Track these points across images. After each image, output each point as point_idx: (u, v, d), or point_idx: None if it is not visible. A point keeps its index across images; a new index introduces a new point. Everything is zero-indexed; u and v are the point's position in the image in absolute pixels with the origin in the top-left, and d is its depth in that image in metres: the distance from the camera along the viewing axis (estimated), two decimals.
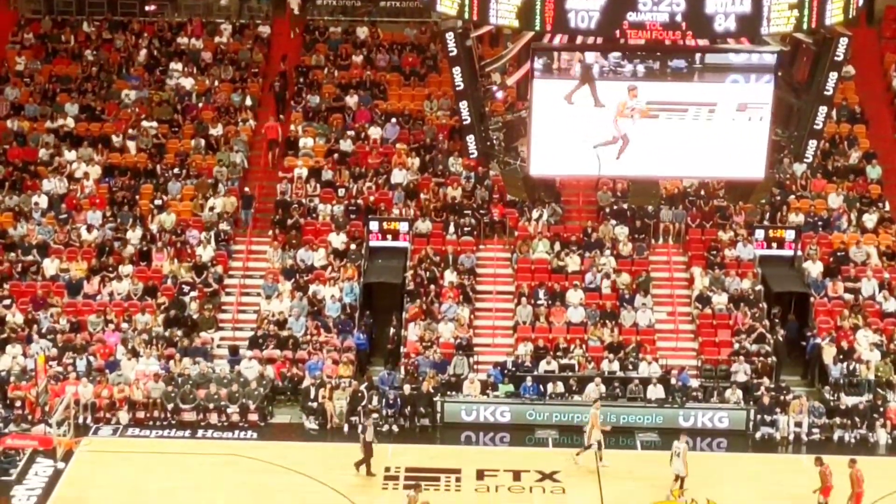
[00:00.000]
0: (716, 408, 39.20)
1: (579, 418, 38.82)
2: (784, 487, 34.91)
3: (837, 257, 44.88)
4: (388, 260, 45.21)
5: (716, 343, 42.09)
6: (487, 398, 39.70)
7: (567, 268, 44.58)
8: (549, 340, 41.90)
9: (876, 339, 41.72)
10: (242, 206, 46.58)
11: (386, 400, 39.31)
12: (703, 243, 45.63)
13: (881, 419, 38.93)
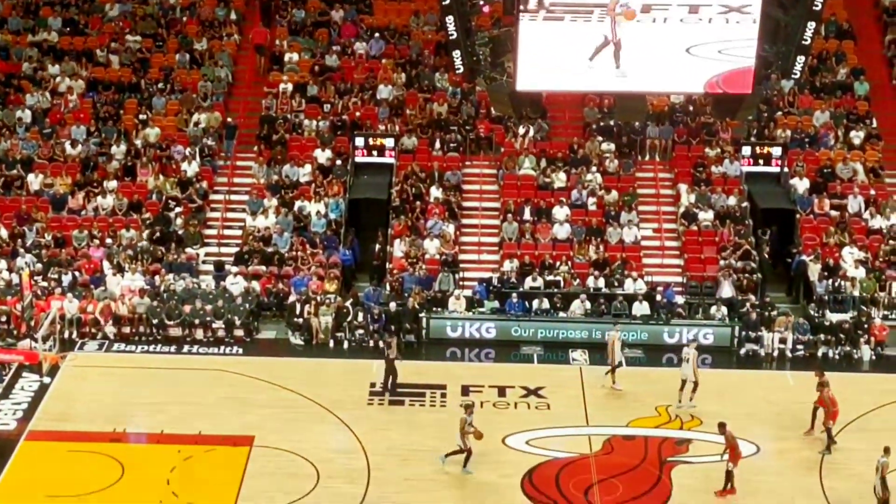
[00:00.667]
0: (701, 324, 39.31)
1: (564, 335, 38.96)
2: (768, 404, 35.07)
3: (824, 174, 44.85)
4: (373, 176, 45.10)
5: (701, 260, 42.13)
6: (473, 314, 39.74)
7: (553, 184, 44.50)
8: (535, 257, 41.90)
9: (861, 256, 41.79)
10: (226, 136, 46.19)
11: (371, 316, 39.32)
12: (690, 160, 45.53)
13: (865, 336, 39.07)
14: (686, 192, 44.02)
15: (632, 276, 40.87)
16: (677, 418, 34.08)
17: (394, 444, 32.52)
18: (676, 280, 41.66)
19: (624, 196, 43.90)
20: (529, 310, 39.89)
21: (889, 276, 41.19)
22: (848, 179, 44.77)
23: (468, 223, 43.88)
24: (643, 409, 34.63)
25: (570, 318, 39.53)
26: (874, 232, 43.09)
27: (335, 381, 36.06)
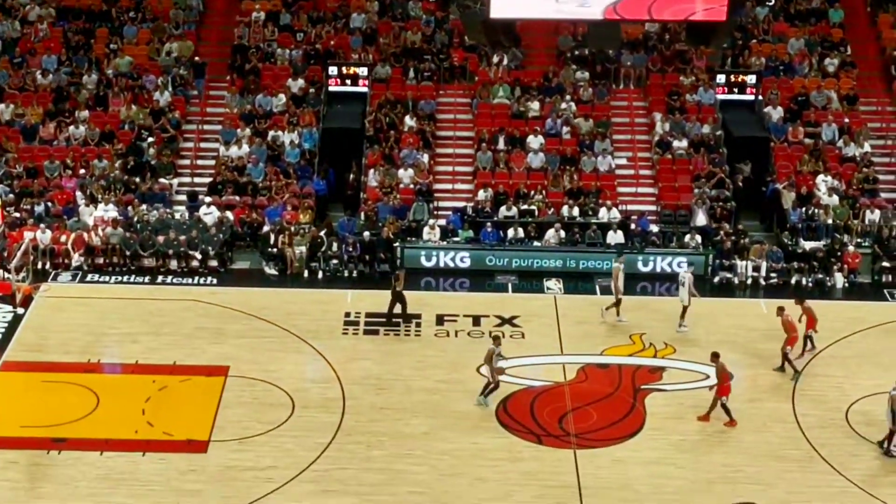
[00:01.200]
0: (675, 253, 39.39)
1: (539, 264, 39.00)
2: (741, 331, 35.21)
3: (798, 102, 44.82)
4: (347, 105, 44.88)
5: (675, 188, 42.15)
6: (447, 244, 39.74)
7: (527, 113, 44.39)
8: (509, 186, 41.86)
9: (835, 184, 41.86)
10: (195, 75, 45.73)
11: (346, 245, 39.28)
12: (664, 88, 45.44)
13: (838, 263, 39.21)
14: (660, 120, 43.97)
15: (606, 204, 40.89)
16: (651, 346, 34.21)
17: (369, 373, 32.59)
18: (650, 209, 41.72)
19: (598, 125, 43.81)
20: (504, 239, 39.90)
21: (862, 203, 41.31)
22: (822, 107, 44.78)
23: (442, 152, 43.78)
24: (617, 338, 34.75)
25: (545, 248, 39.56)
26: (848, 160, 43.15)
27: (310, 311, 36.06)
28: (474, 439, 29.60)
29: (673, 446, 29.52)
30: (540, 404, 31.22)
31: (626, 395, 31.86)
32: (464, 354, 33.62)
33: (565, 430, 30.10)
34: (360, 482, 27.82)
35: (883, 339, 35.01)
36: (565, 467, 28.57)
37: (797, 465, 28.88)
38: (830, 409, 31.22)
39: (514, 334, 34.97)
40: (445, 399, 31.38)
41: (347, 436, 29.67)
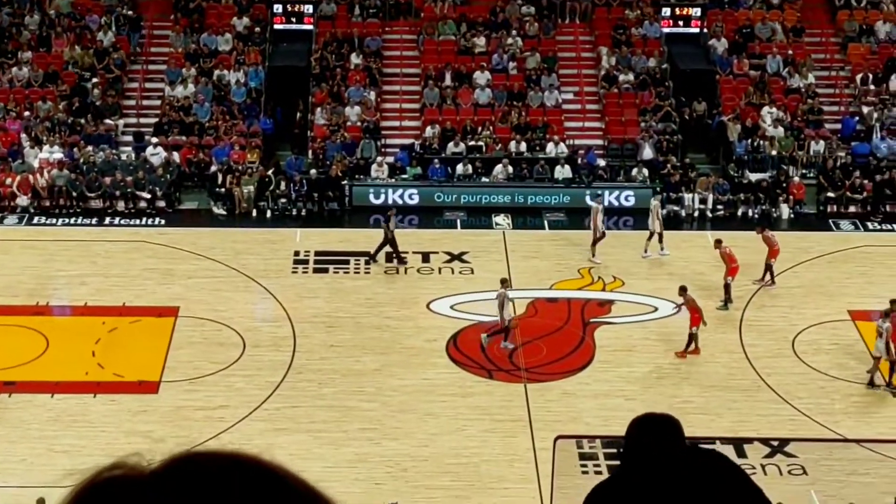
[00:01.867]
0: (622, 186, 39.55)
1: (487, 200, 39.09)
2: (689, 263, 35.47)
3: (743, 34, 44.92)
4: (293, 43, 44.64)
5: (622, 122, 42.25)
6: (395, 181, 39.74)
7: (474, 49, 44.28)
8: (457, 122, 41.84)
9: (780, 116, 42.07)
10: (129, 28, 45.06)
11: (294, 184, 39.20)
12: (610, 22, 45.41)
13: (784, 194, 39.50)
14: (606, 54, 43.98)
15: (553, 139, 40.96)
16: (599, 280, 34.43)
17: (319, 311, 32.67)
18: (598, 143, 41.82)
19: (545, 60, 43.80)
20: (452, 175, 39.93)
21: (807, 134, 41.55)
22: (766, 39, 44.90)
23: (389, 89, 43.67)
24: (566, 272, 34.94)
25: (493, 183, 39.63)
26: (792, 91, 43.34)
27: (258, 251, 36.05)
28: (425, 375, 29.79)
29: (622, 379, 29.80)
30: (490, 339, 31.38)
31: (576, 328, 32.10)
32: (413, 291, 33.74)
33: (515, 365, 30.31)
34: (312, 419, 27.96)
35: (828, 269, 35.36)
36: (516, 401, 28.80)
37: (745, 395, 29.23)
38: (777, 339, 31.58)
39: (463, 270, 35.09)
40: (396, 336, 31.52)
41: (298, 374, 29.78)
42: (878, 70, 43.72)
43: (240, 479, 2.36)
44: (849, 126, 41.99)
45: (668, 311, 32.65)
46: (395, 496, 25.03)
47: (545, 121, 41.92)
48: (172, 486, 2.35)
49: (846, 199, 39.40)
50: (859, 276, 34.84)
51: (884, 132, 41.61)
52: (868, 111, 42.18)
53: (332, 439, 27.31)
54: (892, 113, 42.00)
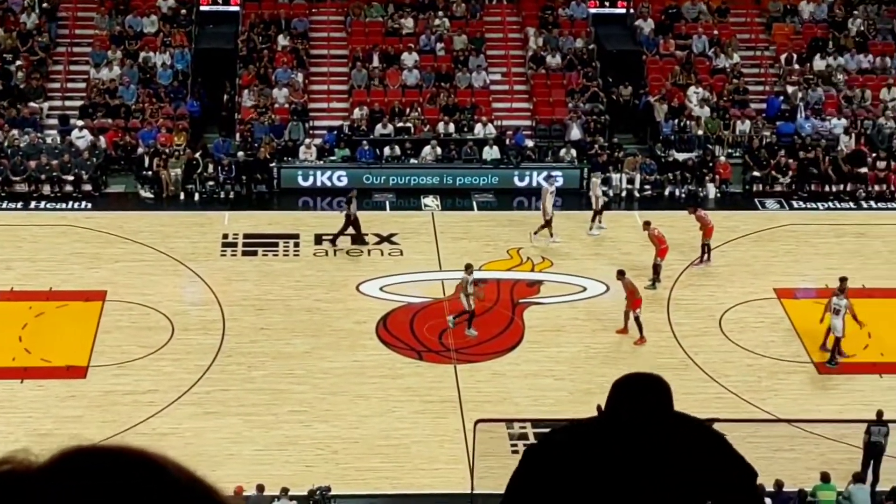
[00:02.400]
0: (550, 167, 39.66)
1: (415, 181, 39.09)
2: (616, 243, 35.67)
3: (669, 14, 45.16)
4: (219, 25, 44.40)
5: (550, 103, 42.37)
6: (324, 163, 39.64)
7: (401, 30, 44.23)
8: (385, 104, 41.79)
9: (706, 96, 42.35)
10: (47, 19, 44.42)
11: (221, 167, 39.00)
12: (537, 3, 45.48)
13: (710, 174, 39.79)
14: (534, 35, 44.07)
15: (482, 120, 41.01)
16: (528, 260, 34.55)
17: (248, 294, 32.57)
18: (526, 124, 41.92)
19: (472, 41, 43.82)
20: (380, 157, 39.89)
21: (733, 114, 41.86)
22: (692, 19, 45.18)
23: (317, 71, 43.53)
24: (495, 253, 35.02)
25: (421, 164, 39.63)
26: (718, 71, 43.65)
27: (187, 234, 35.87)
28: (355, 357, 29.80)
29: (551, 359, 29.95)
30: (420, 320, 31.47)
31: (505, 309, 32.20)
32: (343, 273, 33.71)
33: (445, 346, 30.38)
34: (242, 403, 27.90)
35: (754, 248, 35.68)
36: (446, 382, 28.90)
37: (673, 373, 29.41)
38: (704, 318, 31.86)
39: (392, 252, 35.10)
40: (325, 318, 31.50)
41: (228, 357, 29.69)
42: (802, 50, 44.12)
43: (127, 473, 2.41)
44: (774, 106, 42.36)
45: (596, 290, 32.84)
46: (325, 478, 25.04)
47: (473, 102, 41.97)
48: (60, 481, 2.38)
49: (771, 179, 39.75)
50: (785, 255, 35.20)
51: (808, 112, 42.02)
52: (793, 91, 42.57)
53: (263, 422, 27.27)
54: (816, 93, 42.41)
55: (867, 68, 43.80)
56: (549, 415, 27.49)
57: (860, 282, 33.16)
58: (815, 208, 38.71)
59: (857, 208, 38.73)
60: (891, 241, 36.13)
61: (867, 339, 30.74)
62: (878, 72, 43.68)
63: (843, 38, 44.49)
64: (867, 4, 45.68)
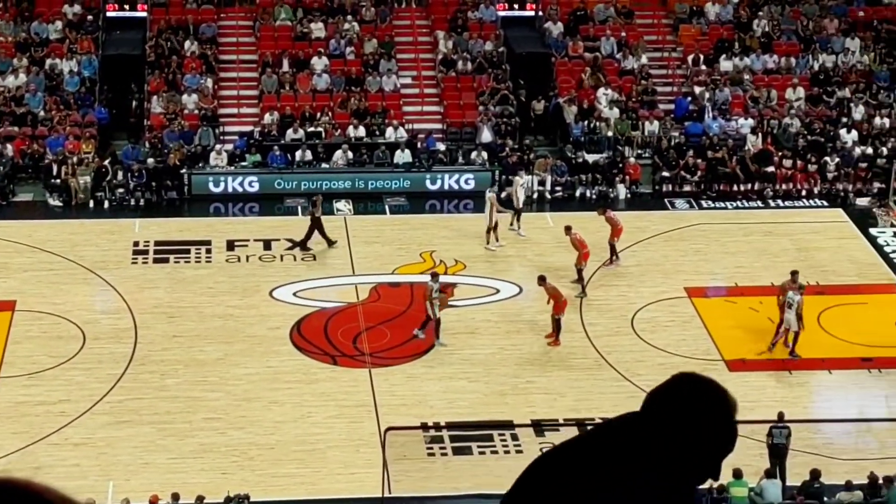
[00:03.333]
0: (462, 170, 39.77)
1: (328, 186, 39.03)
2: (529, 245, 35.81)
3: (577, 16, 45.43)
4: (126, 31, 44.04)
5: (460, 106, 42.48)
6: (235, 169, 39.48)
7: (311, 34, 44.13)
8: (295, 109, 41.67)
9: (615, 97, 42.66)
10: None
11: (131, 174, 38.70)
12: (446, 6, 45.57)
13: (620, 175, 40.10)
14: (443, 38, 44.15)
15: (393, 124, 41.03)
16: (441, 263, 34.61)
17: (160, 301, 32.36)
18: (437, 127, 41.99)
19: (382, 45, 43.83)
20: (292, 162, 39.78)
21: (642, 115, 42.21)
22: (600, 22, 45.49)
23: (226, 76, 43.32)
24: (408, 256, 35.06)
25: (333, 169, 39.60)
26: (627, 73, 43.99)
27: (97, 242, 35.55)
28: (269, 363, 29.71)
29: (465, 361, 30.03)
30: (334, 325, 31.43)
31: (419, 312, 32.21)
32: (255, 279, 33.59)
33: (359, 350, 30.36)
34: (156, 411, 27.71)
35: (664, 247, 36.00)
36: (361, 386, 28.89)
37: (586, 374, 29.67)
38: (616, 318, 32.09)
39: (305, 257, 35.02)
40: (239, 324, 31.37)
41: (141, 365, 29.48)
42: (708, 51, 44.59)
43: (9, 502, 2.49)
44: (682, 106, 42.77)
45: (510, 292, 32.99)
46: (242, 485, 24.94)
47: (384, 106, 41.99)
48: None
49: (680, 179, 40.14)
50: (695, 254, 35.56)
51: (715, 112, 42.47)
52: (700, 91, 43.00)
53: (177, 430, 27.11)
54: (723, 93, 42.88)
55: (772, 68, 44.36)
56: (464, 417, 27.61)
57: (768, 280, 33.62)
58: (723, 207, 39.13)
59: (764, 207, 39.21)
60: (798, 238, 36.64)
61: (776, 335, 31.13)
62: (783, 72, 44.25)
63: (748, 38, 45.03)
64: (771, 5, 46.27)
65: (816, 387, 29.66)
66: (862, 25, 45.93)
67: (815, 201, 39.68)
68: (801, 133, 41.62)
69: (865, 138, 41.57)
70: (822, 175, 40.26)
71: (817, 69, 44.22)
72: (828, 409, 29.08)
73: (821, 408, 29.20)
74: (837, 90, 43.42)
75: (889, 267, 35.15)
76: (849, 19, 46.05)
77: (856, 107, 42.65)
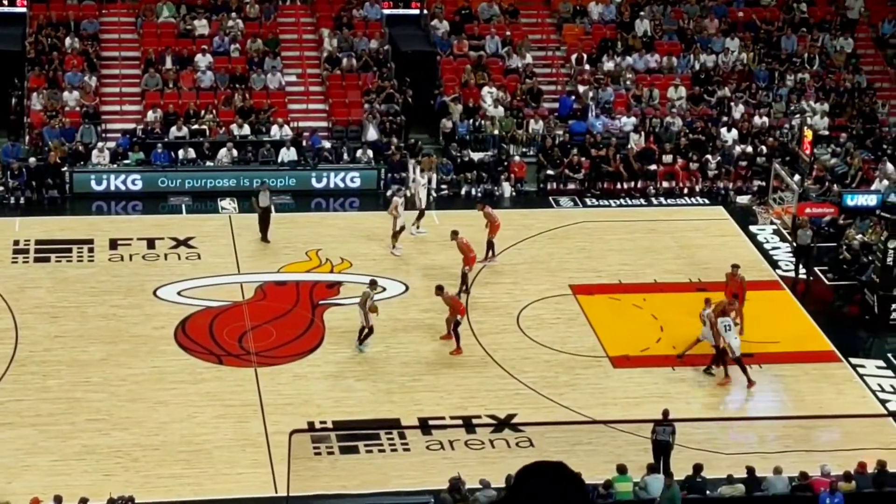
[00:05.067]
0: (347, 168, 39.73)
1: (212, 184, 38.78)
2: (415, 243, 35.85)
3: (462, 15, 45.57)
4: (5, 27, 43.36)
5: (346, 104, 42.42)
6: (117, 167, 39.05)
7: (194, 31, 43.79)
8: (179, 106, 41.33)
9: (499, 96, 42.86)
10: None
11: (11, 172, 38.10)
12: (331, 4, 45.46)
13: (505, 173, 40.31)
14: (328, 36, 44.06)
15: (278, 122, 40.85)
16: (327, 262, 34.54)
17: (42, 301, 31.91)
18: (322, 125, 41.90)
19: (266, 42, 43.61)
20: (175, 160, 39.45)
21: (526, 113, 42.47)
22: (485, 20, 45.68)
23: (108, 73, 42.82)
24: (294, 255, 34.93)
25: (218, 167, 39.34)
26: (511, 71, 44.22)
27: None
28: (153, 363, 29.43)
29: (352, 359, 30.00)
30: (219, 324, 31.22)
31: (305, 311, 32.15)
32: (139, 278, 33.25)
33: (245, 349, 30.20)
34: (38, 412, 27.33)
35: (549, 245, 36.25)
36: (247, 386, 28.73)
37: (473, 371, 29.76)
38: (502, 315, 32.23)
39: (189, 256, 34.75)
40: (122, 324, 31.05)
41: (22, 367, 29.05)
42: (592, 50, 44.97)
43: None
44: (566, 105, 43.10)
45: (395, 291, 33.01)
46: (126, 487, 24.68)
47: (269, 104, 41.80)
48: None
49: (565, 177, 40.45)
50: (579, 252, 35.84)
51: (599, 110, 42.88)
52: (584, 90, 43.37)
53: (59, 432, 26.75)
54: (606, 92, 43.28)
55: (654, 68, 44.87)
56: (351, 416, 27.58)
57: (651, 276, 34.01)
58: (607, 205, 39.51)
59: (647, 205, 39.66)
60: (680, 236, 37.11)
61: (659, 332, 31.51)
62: (664, 71, 44.78)
63: (630, 38, 45.50)
64: (653, 5, 46.79)
65: (699, 382, 30.02)
66: (742, 25, 46.64)
67: (697, 199, 40.25)
68: (683, 132, 42.16)
69: (745, 137, 42.22)
70: (704, 173, 40.84)
71: (698, 69, 44.83)
72: (710, 404, 29.48)
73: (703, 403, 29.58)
74: (718, 89, 44.05)
75: (769, 264, 35.75)
76: (729, 19, 46.73)
77: (736, 106, 43.31)
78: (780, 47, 45.97)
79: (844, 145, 41.71)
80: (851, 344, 32.11)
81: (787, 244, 36.74)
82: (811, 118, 42.58)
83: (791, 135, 42.39)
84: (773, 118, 43.23)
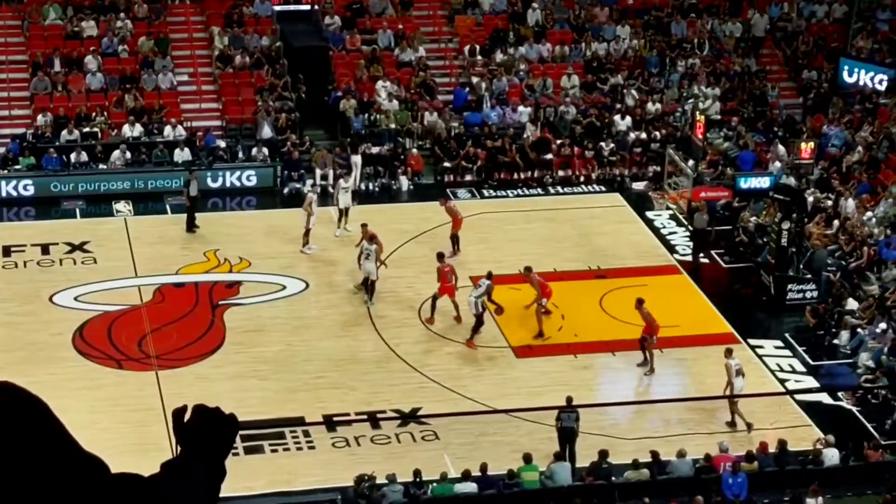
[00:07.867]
0: (243, 167, 39.46)
1: (105, 187, 38.34)
2: (312, 240, 35.65)
3: (353, 9, 45.44)
4: None
5: (239, 102, 42.13)
6: (8, 172, 38.45)
7: (82, 33, 43.23)
8: (69, 109, 40.78)
9: (394, 89, 42.80)
10: None
11: None
12: (221, 2, 45.10)
13: (402, 166, 40.28)
14: (219, 34, 43.71)
15: (171, 122, 40.48)
16: (226, 262, 34.30)
17: None
18: (216, 124, 41.59)
19: (157, 42, 43.17)
20: (67, 164, 38.94)
21: (421, 106, 42.46)
22: (377, 14, 45.58)
23: None
24: (192, 256, 34.66)
25: (111, 170, 38.89)
26: (405, 65, 44.17)
27: None
28: (51, 370, 29.01)
29: (254, 359, 29.86)
30: (118, 329, 30.90)
31: (205, 312, 31.91)
32: (35, 284, 32.80)
33: (145, 353, 29.91)
34: None
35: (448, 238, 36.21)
36: (148, 390, 28.47)
37: (376, 366, 29.75)
38: (404, 309, 32.23)
39: (85, 260, 34.36)
40: (19, 331, 30.63)
41: None
42: (484, 42, 45.05)
43: None
44: (460, 97, 43.15)
45: (296, 288, 32.88)
46: None
47: (161, 104, 41.39)
48: None
49: (462, 169, 40.50)
50: (479, 243, 35.89)
51: (493, 101, 42.97)
52: (477, 82, 43.44)
53: None
54: (500, 83, 43.38)
55: (547, 57, 45.06)
56: (255, 415, 27.42)
57: (552, 265, 34.17)
58: (504, 196, 39.62)
59: (544, 194, 39.83)
60: (579, 224, 37.32)
61: (561, 320, 31.68)
62: (557, 60, 44.97)
63: (522, 28, 45.64)
64: None
65: (601, 369, 30.25)
66: (632, 13, 46.96)
67: (594, 187, 40.48)
68: (577, 120, 42.39)
69: (639, 123, 42.53)
70: (599, 161, 41.08)
71: (590, 57, 45.08)
72: (613, 390, 29.71)
73: (607, 389, 29.81)
74: (610, 77, 44.34)
75: (666, 248, 36.07)
76: (619, 7, 47.03)
77: (628, 93, 43.61)
78: (671, 33, 46.38)
79: (736, 129, 42.18)
80: (749, 325, 32.51)
81: (683, 228, 37.10)
82: (703, 102, 43.02)
83: (684, 120, 42.78)
84: (666, 104, 43.59)
